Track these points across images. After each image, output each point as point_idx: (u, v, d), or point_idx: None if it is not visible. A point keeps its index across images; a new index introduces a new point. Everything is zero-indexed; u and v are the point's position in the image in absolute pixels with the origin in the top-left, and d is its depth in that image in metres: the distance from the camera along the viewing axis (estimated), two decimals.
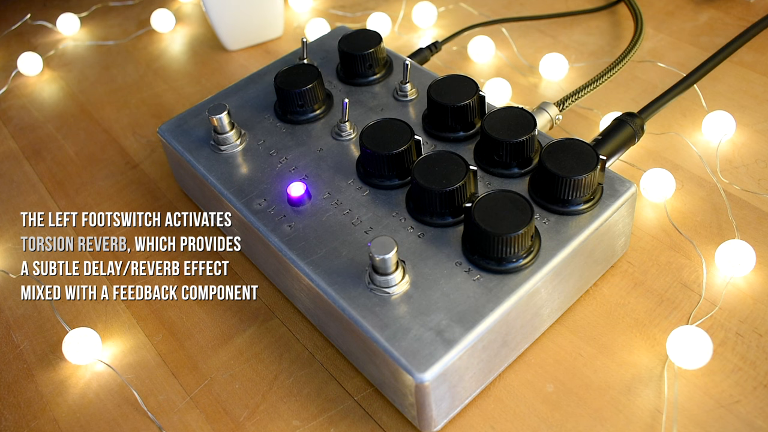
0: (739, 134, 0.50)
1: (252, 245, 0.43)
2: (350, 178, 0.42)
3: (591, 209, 0.38)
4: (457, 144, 0.43)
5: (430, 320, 0.34)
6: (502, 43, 0.61)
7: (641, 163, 0.49)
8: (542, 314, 0.38)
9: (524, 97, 0.56)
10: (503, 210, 0.35)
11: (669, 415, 0.36)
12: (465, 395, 0.36)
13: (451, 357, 0.33)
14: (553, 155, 0.38)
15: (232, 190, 0.42)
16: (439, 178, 0.37)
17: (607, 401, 0.37)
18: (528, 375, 0.38)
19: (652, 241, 0.44)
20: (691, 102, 0.53)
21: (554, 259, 0.36)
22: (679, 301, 0.41)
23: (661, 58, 0.57)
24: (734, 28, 0.59)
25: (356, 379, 0.40)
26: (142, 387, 0.41)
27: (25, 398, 0.41)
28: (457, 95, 0.42)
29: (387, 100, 0.47)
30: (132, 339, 0.43)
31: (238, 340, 0.42)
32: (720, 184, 0.46)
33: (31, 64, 0.67)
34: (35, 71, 0.67)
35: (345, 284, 0.36)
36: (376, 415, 0.38)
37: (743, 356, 0.38)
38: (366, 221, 0.39)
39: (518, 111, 0.41)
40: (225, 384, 0.40)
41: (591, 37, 0.61)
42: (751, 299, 0.40)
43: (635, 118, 0.44)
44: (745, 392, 0.36)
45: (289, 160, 0.44)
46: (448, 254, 0.37)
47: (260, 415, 0.38)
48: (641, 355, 0.38)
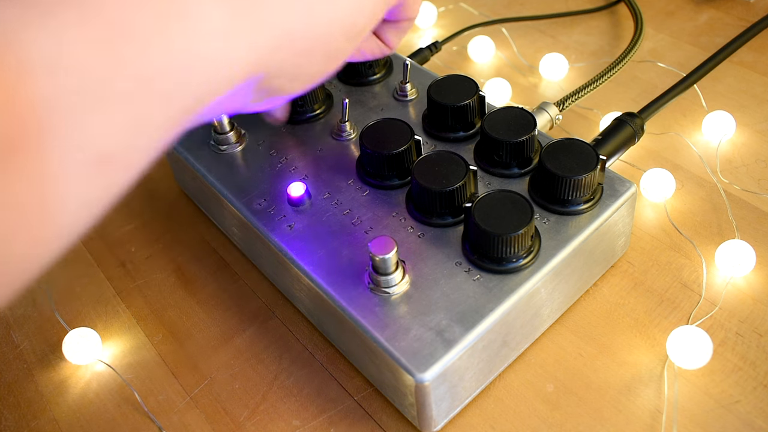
0: (739, 134, 0.50)
1: (252, 245, 0.43)
2: (350, 178, 0.42)
3: (591, 209, 0.38)
4: (457, 144, 0.43)
5: (430, 320, 0.34)
6: (502, 43, 0.61)
7: (641, 163, 0.49)
8: (542, 314, 0.38)
9: (524, 97, 0.56)
10: (503, 210, 0.35)
11: (669, 415, 0.36)
12: (465, 395, 0.36)
13: (451, 357, 0.33)
14: (553, 155, 0.38)
15: (232, 190, 0.42)
16: (439, 178, 0.37)
17: (607, 401, 0.37)
18: (528, 375, 0.38)
19: (652, 241, 0.44)
20: (691, 102, 0.53)
21: (554, 259, 0.36)
22: (679, 301, 0.41)
23: (661, 58, 0.57)
24: (734, 28, 0.59)
25: (356, 379, 0.40)
26: (142, 387, 0.41)
27: (26, 398, 0.41)
28: (457, 95, 0.42)
29: (387, 100, 0.47)
30: (132, 339, 0.43)
31: (238, 340, 0.42)
32: (720, 184, 0.46)
33: None
34: None
35: (345, 284, 0.36)
36: (376, 415, 0.38)
37: (743, 356, 0.38)
38: (366, 221, 0.39)
39: (518, 111, 0.41)
40: (225, 384, 0.40)
41: (591, 37, 0.61)
42: (751, 299, 0.40)
43: (635, 118, 0.44)
44: (745, 392, 0.36)
45: (289, 160, 0.44)
46: (448, 254, 0.37)
47: (260, 415, 0.38)
48: (641, 355, 0.38)
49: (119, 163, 0.22)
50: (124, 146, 0.22)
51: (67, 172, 0.20)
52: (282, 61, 0.28)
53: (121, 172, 0.22)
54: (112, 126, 0.21)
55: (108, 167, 0.21)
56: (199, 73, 0.24)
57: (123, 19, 0.21)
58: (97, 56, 0.20)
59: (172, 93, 0.23)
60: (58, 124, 0.19)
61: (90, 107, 0.20)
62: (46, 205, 0.20)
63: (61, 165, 0.20)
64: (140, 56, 0.21)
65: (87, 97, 0.20)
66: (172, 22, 0.22)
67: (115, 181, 0.22)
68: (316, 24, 0.28)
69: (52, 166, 0.20)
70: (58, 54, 0.19)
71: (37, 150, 0.19)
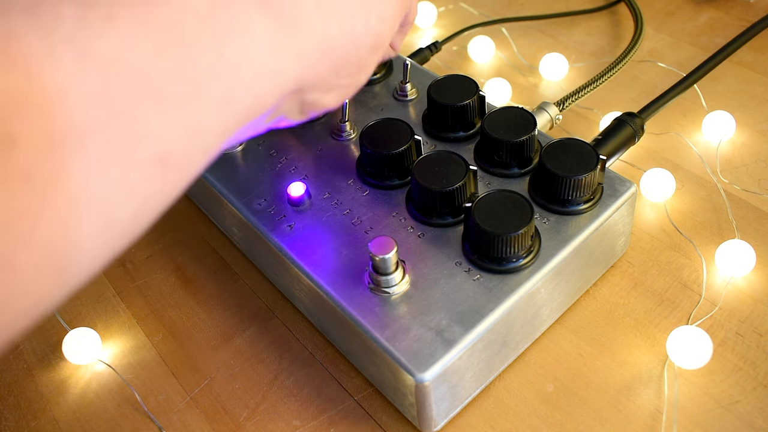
0: (739, 134, 0.50)
1: (252, 245, 0.43)
2: (350, 178, 0.42)
3: (591, 209, 0.38)
4: (457, 144, 0.43)
5: (430, 320, 0.34)
6: (502, 43, 0.61)
7: (641, 163, 0.49)
8: (542, 314, 0.38)
9: (524, 97, 0.56)
10: (503, 210, 0.35)
11: (669, 415, 0.36)
12: (465, 395, 0.36)
13: (451, 357, 0.33)
14: (553, 155, 0.38)
15: (232, 190, 0.42)
16: (439, 178, 0.37)
17: (607, 401, 0.37)
18: (528, 375, 0.38)
19: (652, 241, 0.44)
20: (691, 102, 0.53)
21: (554, 258, 0.36)
22: (679, 301, 0.41)
23: (661, 58, 0.57)
24: (734, 28, 0.59)
25: (356, 379, 0.40)
26: (142, 387, 0.41)
27: (25, 398, 0.41)
28: (457, 95, 0.42)
29: (387, 100, 0.47)
30: (132, 339, 0.43)
31: (238, 340, 0.42)
32: (720, 184, 0.46)
33: None
34: None
35: (345, 284, 0.36)
36: (376, 415, 0.38)
37: (743, 356, 0.38)
38: (366, 221, 0.39)
39: (518, 111, 0.41)
40: (225, 384, 0.40)
41: (591, 37, 0.61)
42: (751, 299, 0.40)
43: (635, 118, 0.44)
44: (745, 392, 0.36)
45: (289, 160, 0.44)
46: (448, 254, 0.37)
47: (260, 415, 0.38)
48: (641, 355, 0.38)
49: (177, 165, 0.22)
50: (180, 148, 0.22)
51: (121, 171, 0.20)
52: (321, 74, 0.29)
53: (178, 174, 0.23)
54: (168, 127, 0.21)
55: (165, 168, 0.22)
56: (249, 82, 0.24)
57: (176, 26, 0.22)
58: (151, 58, 0.21)
59: (224, 100, 0.23)
60: (113, 120, 0.20)
61: (145, 106, 0.21)
62: (92, 205, 0.20)
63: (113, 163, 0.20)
64: (193, 61, 0.22)
65: (142, 96, 0.20)
66: (221, 32, 0.23)
67: (173, 183, 0.23)
68: (352, 36, 0.29)
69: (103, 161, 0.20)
70: (115, 54, 0.20)
71: (91, 143, 0.19)
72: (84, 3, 0.20)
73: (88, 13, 0.20)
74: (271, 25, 0.25)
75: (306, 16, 0.26)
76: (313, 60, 0.27)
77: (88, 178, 0.19)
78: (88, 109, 0.19)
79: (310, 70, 0.28)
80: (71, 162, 0.19)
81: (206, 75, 0.22)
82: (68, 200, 0.19)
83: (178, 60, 0.22)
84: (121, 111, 0.20)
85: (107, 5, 0.21)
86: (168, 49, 0.21)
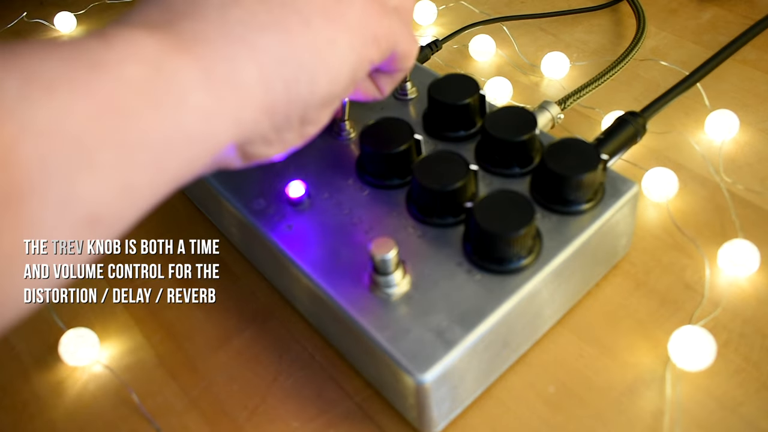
0: (742, 133, 0.50)
1: (251, 245, 0.43)
2: (350, 177, 0.42)
3: (593, 209, 0.38)
4: (457, 143, 0.43)
5: (430, 321, 0.34)
6: (503, 41, 0.61)
7: (643, 162, 0.48)
8: (544, 315, 0.38)
9: (525, 96, 0.56)
10: (504, 210, 0.35)
11: (671, 417, 0.35)
12: (466, 396, 0.36)
13: (451, 358, 0.33)
14: (555, 155, 0.37)
15: (231, 190, 0.42)
16: (439, 178, 0.37)
17: (609, 402, 0.36)
18: (529, 376, 0.38)
19: (654, 241, 0.44)
20: (693, 101, 0.52)
21: (556, 259, 0.36)
22: (681, 302, 0.40)
23: (664, 57, 0.57)
24: (737, 26, 0.58)
25: (356, 380, 0.39)
26: (140, 388, 0.40)
27: (22, 400, 0.41)
28: (458, 94, 0.42)
29: (387, 100, 0.47)
30: (130, 340, 0.43)
31: (236, 341, 0.42)
32: (723, 184, 0.46)
33: None
34: None
35: (345, 284, 0.36)
36: (376, 417, 0.38)
37: (746, 357, 0.37)
38: (366, 221, 0.39)
39: (519, 110, 0.40)
40: (224, 385, 0.40)
41: (593, 36, 0.61)
42: (754, 300, 0.40)
43: (637, 117, 0.44)
44: (749, 394, 0.36)
45: (288, 160, 0.43)
46: (448, 254, 0.37)
47: (259, 417, 0.38)
48: (643, 356, 0.38)
49: (108, 224, 0.24)
50: (111, 208, 0.24)
51: (54, 228, 0.23)
52: (260, 131, 0.29)
53: (109, 231, 0.25)
54: (100, 189, 0.23)
55: (95, 226, 0.24)
56: (181, 148, 0.26)
57: (113, 96, 0.24)
58: (87, 127, 0.23)
59: (156, 164, 0.25)
60: (49, 183, 0.22)
61: (80, 170, 0.23)
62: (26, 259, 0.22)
63: (47, 221, 0.22)
64: (127, 129, 0.24)
65: (77, 162, 0.22)
66: (155, 103, 0.25)
67: (104, 238, 0.25)
68: (296, 99, 0.29)
69: (38, 221, 0.22)
70: (54, 123, 0.22)
71: (28, 204, 0.22)
72: (27, 77, 0.22)
73: (30, 85, 0.22)
74: (206, 95, 0.26)
75: (245, 84, 0.27)
76: (249, 122, 0.28)
77: (21, 236, 0.22)
78: (25, 175, 0.21)
79: (246, 131, 0.28)
80: (6, 221, 0.21)
81: (139, 142, 0.24)
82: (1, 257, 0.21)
83: (112, 128, 0.23)
84: (56, 175, 0.22)
85: (48, 78, 0.22)
86: (103, 117, 0.23)
